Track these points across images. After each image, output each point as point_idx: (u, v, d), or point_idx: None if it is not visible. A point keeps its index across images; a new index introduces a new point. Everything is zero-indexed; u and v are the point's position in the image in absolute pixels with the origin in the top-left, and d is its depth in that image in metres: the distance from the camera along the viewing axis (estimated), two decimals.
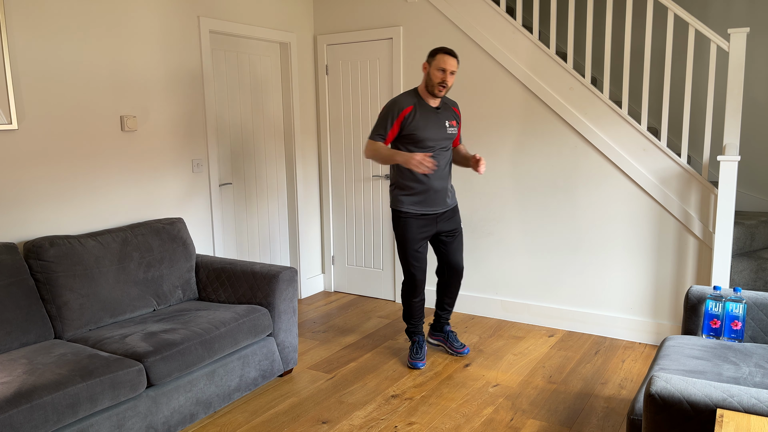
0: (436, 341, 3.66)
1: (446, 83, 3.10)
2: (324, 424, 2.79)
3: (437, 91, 3.11)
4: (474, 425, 2.76)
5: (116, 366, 2.38)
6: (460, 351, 3.55)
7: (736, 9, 4.18)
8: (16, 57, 2.84)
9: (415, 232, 3.28)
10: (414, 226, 3.27)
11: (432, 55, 3.12)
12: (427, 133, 3.15)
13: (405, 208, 3.27)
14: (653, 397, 1.66)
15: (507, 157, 4.02)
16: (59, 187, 3.06)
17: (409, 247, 3.30)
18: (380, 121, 3.17)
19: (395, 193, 3.30)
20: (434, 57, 3.09)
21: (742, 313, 2.50)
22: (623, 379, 3.22)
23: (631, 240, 3.69)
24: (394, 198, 3.30)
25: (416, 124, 3.12)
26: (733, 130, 3.24)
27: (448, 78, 3.09)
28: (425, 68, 3.14)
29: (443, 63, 3.06)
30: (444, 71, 3.07)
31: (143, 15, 3.40)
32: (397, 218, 3.30)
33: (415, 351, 3.44)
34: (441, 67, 3.06)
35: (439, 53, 3.08)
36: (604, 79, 3.66)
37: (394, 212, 3.32)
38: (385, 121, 3.15)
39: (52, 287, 2.75)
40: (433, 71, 3.09)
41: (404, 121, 3.12)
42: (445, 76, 3.08)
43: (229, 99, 4.09)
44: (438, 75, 3.08)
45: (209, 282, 3.33)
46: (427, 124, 3.15)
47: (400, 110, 3.11)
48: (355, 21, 4.47)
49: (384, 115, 3.16)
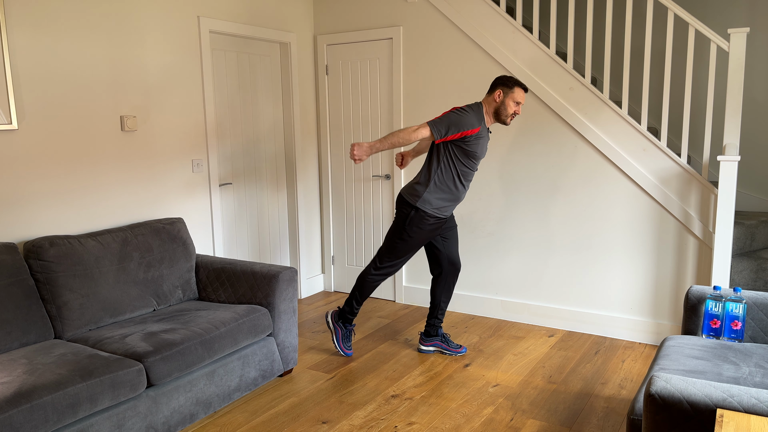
0: (430, 347, 3.61)
1: (518, 114, 3.25)
2: (324, 424, 2.79)
3: (509, 121, 3.24)
4: (474, 425, 2.76)
5: (116, 366, 2.38)
6: (458, 351, 3.55)
7: (736, 9, 4.18)
8: (16, 57, 2.84)
9: (426, 236, 3.31)
10: (428, 229, 3.28)
11: (509, 86, 3.19)
12: (479, 152, 3.24)
13: (430, 210, 3.25)
14: (653, 397, 1.66)
15: (507, 157, 4.02)
16: (59, 187, 3.06)
17: (412, 247, 3.32)
18: (448, 122, 3.14)
19: (426, 194, 3.24)
20: (512, 89, 3.18)
21: (742, 313, 2.50)
22: (623, 379, 3.22)
23: (631, 240, 3.69)
24: (422, 199, 3.24)
25: (476, 143, 3.20)
26: (733, 130, 3.24)
27: (519, 109, 3.24)
28: (499, 96, 3.19)
29: (519, 97, 3.19)
30: (518, 104, 3.21)
31: (143, 15, 3.40)
32: (415, 218, 3.25)
33: (349, 337, 3.57)
34: (517, 101, 3.19)
35: (516, 87, 3.19)
36: (604, 79, 3.66)
37: (414, 210, 3.25)
38: (452, 126, 3.14)
39: (52, 287, 2.75)
40: (509, 102, 3.19)
41: (468, 138, 3.16)
42: (518, 108, 3.22)
43: (229, 99, 4.09)
44: (512, 107, 3.20)
45: (209, 282, 3.33)
46: (483, 144, 3.24)
47: (472, 127, 3.15)
48: (355, 21, 4.47)
49: (455, 120, 3.14)
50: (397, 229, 3.33)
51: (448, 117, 3.15)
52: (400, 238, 3.32)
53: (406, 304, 4.56)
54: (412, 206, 3.26)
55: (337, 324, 3.56)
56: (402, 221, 3.30)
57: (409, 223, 3.27)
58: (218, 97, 4.00)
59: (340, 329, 3.55)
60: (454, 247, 3.47)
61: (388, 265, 3.40)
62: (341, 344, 3.54)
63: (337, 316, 3.57)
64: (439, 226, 3.31)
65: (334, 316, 3.57)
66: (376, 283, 3.46)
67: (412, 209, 3.26)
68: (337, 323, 3.56)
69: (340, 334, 3.55)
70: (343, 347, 3.54)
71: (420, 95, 4.28)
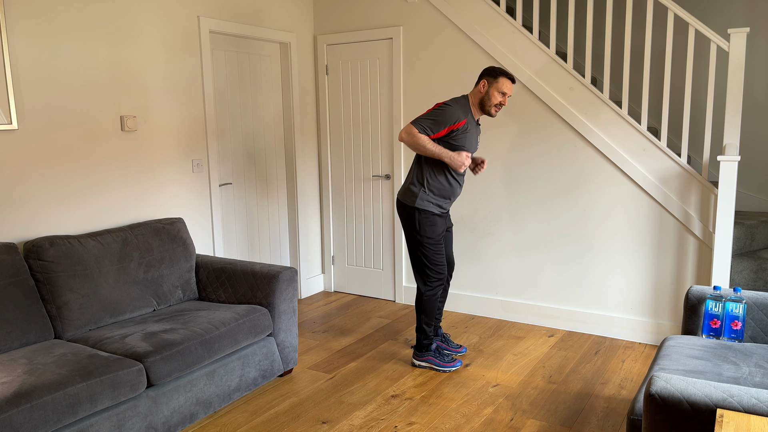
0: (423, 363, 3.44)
1: (503, 105, 3.17)
2: (324, 424, 2.79)
3: (494, 111, 3.17)
4: (474, 425, 2.76)
5: (116, 366, 2.38)
6: (458, 351, 3.55)
7: (736, 9, 4.18)
8: (16, 57, 2.84)
9: (440, 230, 3.25)
10: (439, 224, 3.24)
11: (493, 75, 3.12)
12: (468, 146, 3.18)
13: (431, 208, 3.21)
14: (653, 397, 1.66)
15: (507, 158, 4.02)
16: (59, 187, 3.06)
17: (437, 244, 3.23)
18: (432, 119, 3.10)
19: (421, 193, 3.20)
20: (497, 79, 3.12)
21: (742, 313, 2.50)
22: (623, 379, 3.22)
23: (631, 240, 3.69)
24: (419, 198, 3.20)
25: (464, 137, 3.15)
26: (733, 130, 3.24)
27: (506, 101, 3.17)
28: (483, 86, 3.14)
29: (505, 87, 3.12)
30: (504, 95, 3.14)
31: (143, 15, 3.40)
32: (422, 218, 3.20)
33: (445, 353, 3.36)
34: (502, 91, 3.12)
35: (501, 77, 3.11)
36: (604, 79, 3.66)
37: (418, 212, 3.20)
38: (437, 122, 3.10)
39: (52, 287, 2.74)
40: (493, 92, 3.13)
41: (454, 131, 3.11)
42: (504, 99, 3.15)
43: (229, 99, 4.09)
44: (497, 97, 3.13)
45: (209, 282, 3.33)
46: (471, 137, 3.19)
47: (457, 121, 3.10)
48: (355, 21, 4.47)
49: (439, 116, 3.10)
50: (414, 240, 3.25)
51: (432, 113, 3.12)
52: (423, 245, 3.22)
53: (406, 304, 4.56)
54: (413, 208, 3.22)
55: (428, 357, 3.36)
56: (412, 229, 3.23)
57: (419, 226, 3.21)
58: (218, 97, 4.00)
59: (434, 357, 3.35)
60: (449, 246, 3.47)
61: (435, 274, 3.27)
62: (448, 365, 3.33)
63: (419, 352, 3.38)
64: (445, 216, 3.30)
65: (419, 356, 3.38)
66: (435, 296, 3.30)
67: (414, 211, 3.21)
68: (426, 356, 3.37)
69: (437, 360, 3.34)
70: (450, 366, 3.33)
71: (420, 95, 4.27)
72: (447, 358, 3.36)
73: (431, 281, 3.28)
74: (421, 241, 3.23)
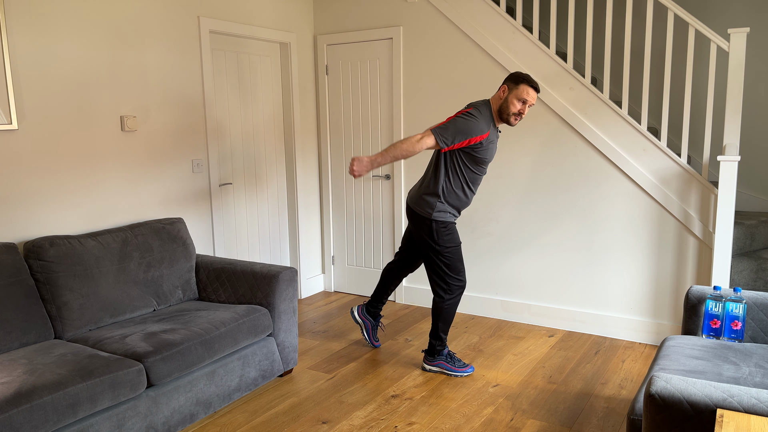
0: (362, 320, 3.64)
1: (523, 114, 2.99)
2: (324, 424, 2.79)
3: (513, 120, 2.98)
4: (474, 425, 2.76)
5: (116, 366, 2.38)
6: (376, 344, 3.68)
7: (736, 9, 4.18)
8: (16, 57, 2.84)
9: (458, 236, 3.19)
10: (454, 228, 3.17)
11: (515, 81, 2.94)
12: (489, 157, 3.07)
13: (448, 218, 3.12)
14: (653, 397, 1.66)
15: (507, 158, 4.02)
16: (59, 187, 3.06)
17: (457, 252, 3.15)
18: (454, 129, 2.93)
19: (438, 204, 3.09)
20: (517, 86, 2.93)
21: (742, 313, 2.50)
22: (623, 379, 3.22)
23: (631, 240, 3.69)
24: (436, 210, 3.09)
25: (486, 148, 3.01)
26: (733, 130, 3.24)
27: (525, 109, 2.98)
28: (504, 91, 2.97)
29: (526, 94, 2.93)
30: (524, 103, 2.95)
31: (143, 15, 3.40)
32: (440, 229, 3.10)
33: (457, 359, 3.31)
34: (522, 98, 2.93)
35: (523, 83, 2.92)
36: (604, 79, 3.66)
37: (436, 223, 3.09)
38: (458, 133, 2.93)
39: (52, 287, 2.74)
40: (512, 99, 2.95)
41: (477, 144, 2.97)
42: (524, 108, 2.96)
43: (229, 99, 4.09)
44: (517, 105, 2.95)
45: (209, 282, 3.33)
46: (493, 148, 3.06)
47: (481, 133, 2.93)
48: (355, 21, 4.47)
49: (462, 127, 2.93)
50: (433, 251, 3.14)
51: (454, 123, 2.94)
52: (443, 255, 3.13)
53: (406, 304, 4.56)
54: (430, 220, 3.10)
55: (439, 362, 3.29)
56: (431, 240, 3.12)
57: (437, 236, 3.11)
58: (218, 97, 4.00)
59: (445, 362, 3.28)
60: None
61: (455, 282, 3.18)
62: (459, 370, 3.26)
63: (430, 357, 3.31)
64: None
65: (430, 360, 3.31)
66: (456, 304, 3.21)
67: (431, 222, 3.10)
68: (438, 360, 3.29)
69: (448, 365, 3.27)
70: (462, 370, 3.27)
71: (420, 95, 4.28)
72: (459, 363, 3.28)
73: (452, 289, 3.19)
74: (440, 251, 3.13)
